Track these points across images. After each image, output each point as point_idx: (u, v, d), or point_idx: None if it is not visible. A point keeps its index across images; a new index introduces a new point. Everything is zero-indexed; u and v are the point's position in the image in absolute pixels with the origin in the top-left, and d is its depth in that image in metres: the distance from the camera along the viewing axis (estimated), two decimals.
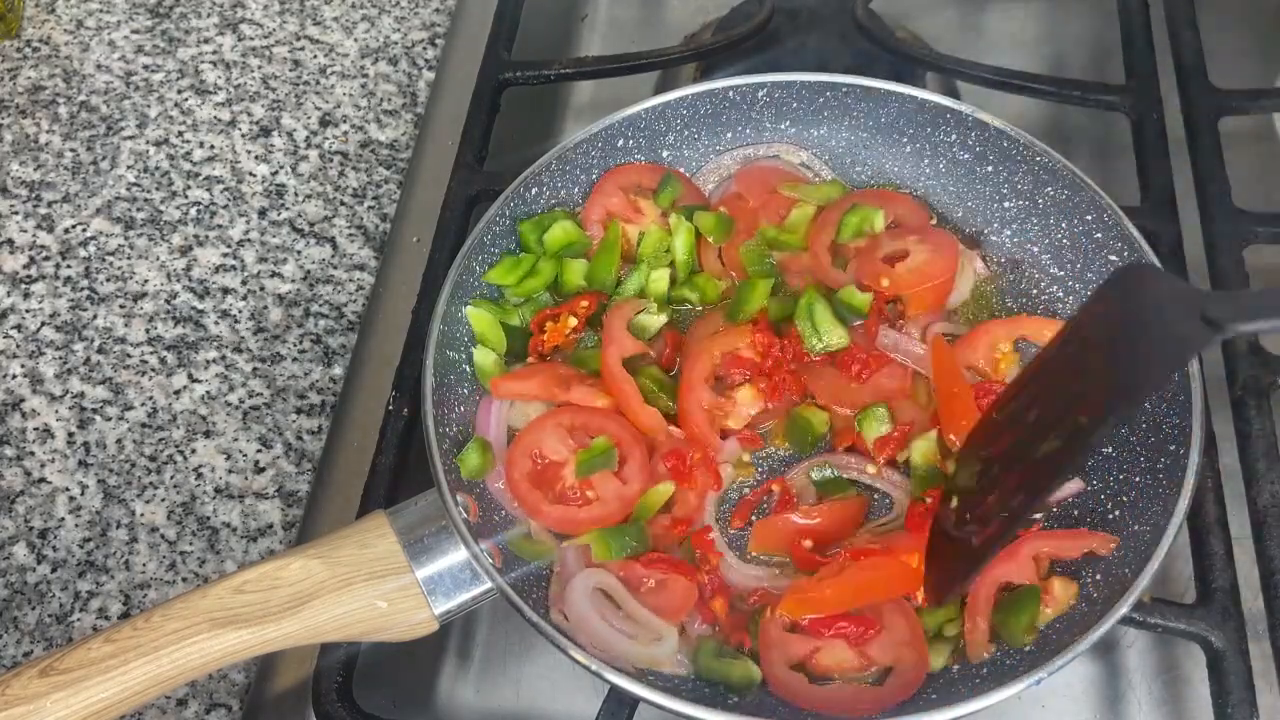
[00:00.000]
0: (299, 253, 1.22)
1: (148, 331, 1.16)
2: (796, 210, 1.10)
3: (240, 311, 1.17)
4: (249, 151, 1.29)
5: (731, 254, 1.08)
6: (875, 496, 0.97)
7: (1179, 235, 1.07)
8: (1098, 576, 0.88)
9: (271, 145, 1.30)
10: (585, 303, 1.03)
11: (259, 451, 1.09)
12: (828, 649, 0.88)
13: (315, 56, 1.38)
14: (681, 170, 1.13)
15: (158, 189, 1.26)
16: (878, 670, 0.88)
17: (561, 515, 0.93)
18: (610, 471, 0.94)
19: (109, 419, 1.11)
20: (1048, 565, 0.91)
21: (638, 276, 1.06)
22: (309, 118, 1.32)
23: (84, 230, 1.23)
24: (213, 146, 1.30)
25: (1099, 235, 1.01)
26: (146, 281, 1.19)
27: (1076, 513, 0.94)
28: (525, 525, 0.93)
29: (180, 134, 1.31)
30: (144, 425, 1.10)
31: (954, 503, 0.79)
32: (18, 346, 1.15)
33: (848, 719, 0.84)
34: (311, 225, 1.24)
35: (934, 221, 1.11)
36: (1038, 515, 0.92)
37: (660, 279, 1.05)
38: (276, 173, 1.28)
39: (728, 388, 1.00)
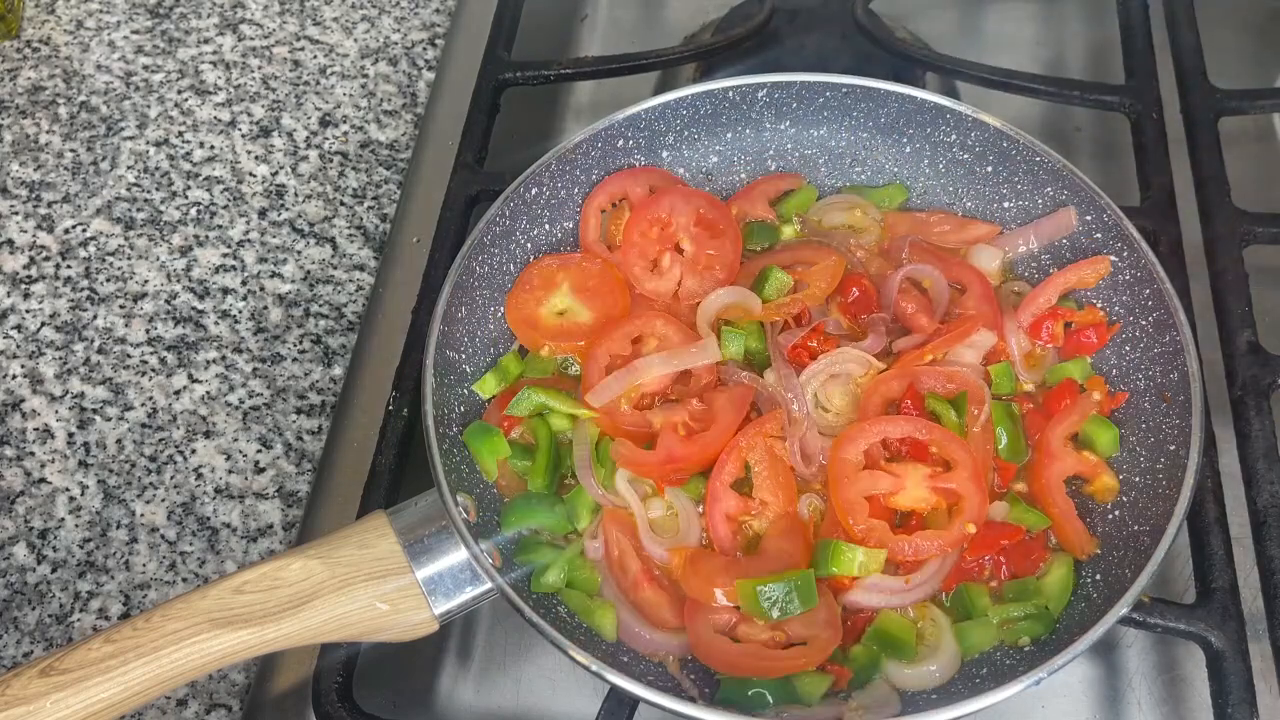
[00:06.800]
0: (299, 253, 1.22)
1: (148, 332, 1.16)
2: (794, 197, 1.11)
3: (240, 312, 1.17)
4: (249, 152, 1.29)
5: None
6: None
7: (1179, 235, 1.07)
8: (1097, 577, 0.89)
9: (271, 145, 1.30)
10: None
11: (259, 452, 1.09)
12: (905, 490, 0.91)
13: (315, 57, 1.38)
14: (680, 171, 1.13)
15: (158, 189, 1.26)
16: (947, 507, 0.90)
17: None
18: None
19: (109, 419, 1.11)
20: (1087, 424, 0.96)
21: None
22: (309, 118, 1.32)
23: (84, 230, 1.23)
24: (213, 147, 1.30)
25: (1099, 235, 1.02)
26: (146, 282, 1.19)
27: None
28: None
29: (180, 134, 1.31)
30: (144, 425, 1.10)
31: None
32: (18, 346, 1.15)
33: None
34: (311, 225, 1.24)
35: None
36: None
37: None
38: (276, 173, 1.28)
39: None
